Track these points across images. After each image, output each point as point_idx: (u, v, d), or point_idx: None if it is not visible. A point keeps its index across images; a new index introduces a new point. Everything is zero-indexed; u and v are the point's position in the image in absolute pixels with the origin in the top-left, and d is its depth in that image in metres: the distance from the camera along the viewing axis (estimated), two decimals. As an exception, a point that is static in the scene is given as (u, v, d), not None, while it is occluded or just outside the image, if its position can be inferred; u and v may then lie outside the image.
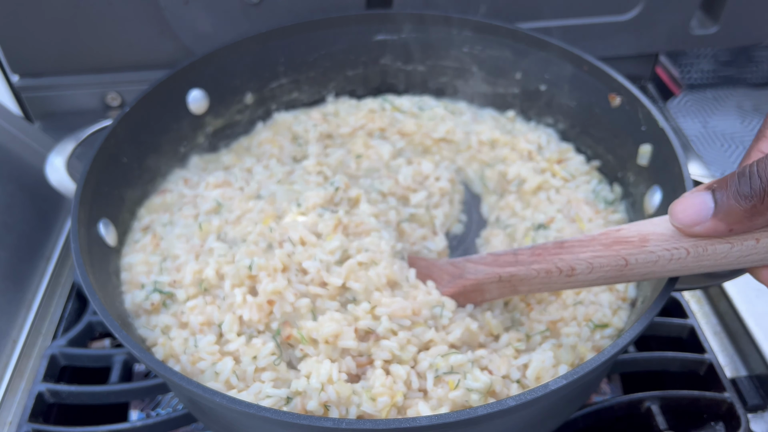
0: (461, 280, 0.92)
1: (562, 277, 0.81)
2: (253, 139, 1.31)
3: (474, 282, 0.91)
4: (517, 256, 0.86)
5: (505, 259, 0.88)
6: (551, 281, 0.83)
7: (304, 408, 0.80)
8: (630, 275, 0.76)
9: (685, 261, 0.71)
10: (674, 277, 0.78)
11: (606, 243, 0.77)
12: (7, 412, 1.04)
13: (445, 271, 0.97)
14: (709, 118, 1.59)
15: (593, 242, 0.79)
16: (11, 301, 1.15)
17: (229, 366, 0.85)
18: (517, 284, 0.86)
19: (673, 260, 0.72)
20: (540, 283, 0.84)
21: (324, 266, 0.94)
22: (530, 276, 0.84)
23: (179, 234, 1.06)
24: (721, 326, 1.15)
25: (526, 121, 1.33)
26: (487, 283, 0.89)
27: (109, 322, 0.80)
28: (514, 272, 0.85)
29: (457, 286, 0.93)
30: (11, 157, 1.26)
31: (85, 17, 1.36)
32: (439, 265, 0.99)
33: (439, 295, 0.94)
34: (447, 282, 0.95)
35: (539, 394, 0.69)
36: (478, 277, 0.90)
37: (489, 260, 0.90)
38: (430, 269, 0.99)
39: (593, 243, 0.79)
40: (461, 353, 0.86)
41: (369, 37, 1.33)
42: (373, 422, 0.68)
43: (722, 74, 1.67)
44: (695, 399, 0.98)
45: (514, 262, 0.86)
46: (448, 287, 0.94)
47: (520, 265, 0.85)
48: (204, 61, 1.21)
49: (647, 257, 0.73)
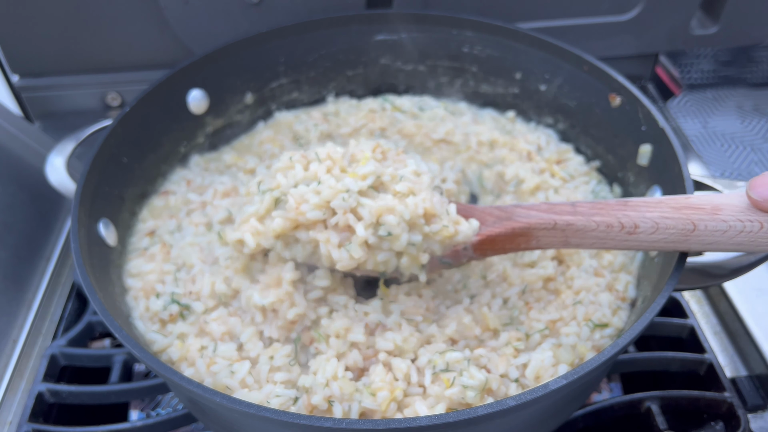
0: (510, 222, 0.89)
1: (622, 234, 0.81)
2: (254, 138, 1.31)
3: (525, 225, 0.88)
4: (576, 207, 0.85)
5: (562, 208, 0.86)
6: (608, 237, 0.82)
7: (310, 403, 0.81)
8: (693, 242, 0.76)
9: (756, 235, 0.72)
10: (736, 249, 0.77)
11: (675, 206, 0.78)
12: (7, 412, 1.04)
13: (488, 213, 0.93)
14: (709, 118, 1.59)
15: (661, 204, 0.79)
16: (11, 300, 1.15)
17: (246, 367, 0.86)
18: (571, 235, 0.85)
19: (744, 232, 0.73)
20: (595, 238, 0.83)
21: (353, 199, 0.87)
22: (588, 228, 0.82)
23: (191, 242, 1.06)
24: (721, 326, 1.15)
25: (526, 121, 1.33)
26: (540, 228, 0.87)
27: (109, 321, 0.80)
28: (572, 221, 0.84)
29: (504, 227, 0.89)
30: (11, 157, 1.26)
31: (85, 17, 1.36)
32: (480, 208, 0.95)
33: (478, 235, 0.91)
34: (492, 223, 0.91)
35: (539, 394, 0.69)
36: (531, 221, 0.87)
37: (544, 207, 0.88)
38: (470, 211, 0.95)
39: (661, 205, 0.79)
40: (458, 351, 0.87)
41: (369, 37, 1.33)
42: (373, 422, 0.68)
43: (722, 74, 1.68)
44: (695, 399, 0.98)
45: (573, 212, 0.85)
46: (494, 227, 0.91)
47: (580, 215, 0.84)
48: (204, 61, 1.22)
49: (718, 225, 0.74)
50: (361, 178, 0.89)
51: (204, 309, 0.96)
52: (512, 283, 0.99)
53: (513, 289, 0.98)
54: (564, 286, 0.99)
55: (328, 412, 0.81)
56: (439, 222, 0.88)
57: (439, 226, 0.88)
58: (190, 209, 1.13)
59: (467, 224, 0.90)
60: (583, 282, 0.99)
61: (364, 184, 0.88)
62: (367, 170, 0.90)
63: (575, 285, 0.99)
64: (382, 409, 0.80)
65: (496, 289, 0.99)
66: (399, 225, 0.85)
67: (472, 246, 0.92)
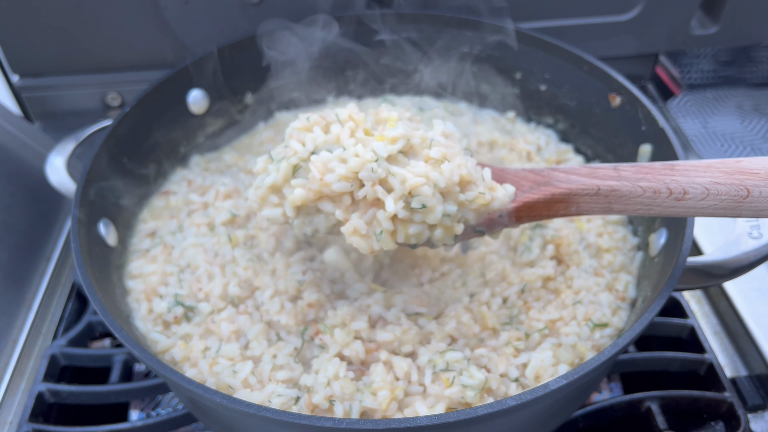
0: (549, 188, 0.85)
1: (669, 200, 0.77)
2: (255, 138, 1.31)
3: (566, 191, 0.83)
4: (620, 172, 0.81)
5: (605, 173, 0.82)
6: (654, 203, 0.78)
7: (311, 402, 0.81)
8: (745, 208, 0.73)
9: None
10: None
11: (727, 171, 0.74)
12: (8, 412, 1.04)
13: (523, 178, 0.89)
14: (709, 118, 1.59)
15: (710, 168, 0.75)
16: (11, 301, 1.15)
17: (248, 367, 0.86)
18: (615, 201, 0.81)
19: None
20: (640, 204, 0.79)
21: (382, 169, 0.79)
22: (634, 194, 0.78)
23: (194, 243, 1.05)
24: (721, 326, 1.15)
25: (526, 121, 1.33)
26: (581, 194, 0.83)
27: (109, 321, 0.80)
28: (616, 187, 0.80)
29: (543, 193, 0.85)
30: (11, 157, 1.26)
31: (85, 17, 1.36)
32: (513, 171, 0.90)
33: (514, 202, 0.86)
34: (529, 188, 0.87)
35: (539, 393, 0.69)
36: (572, 186, 0.83)
37: (584, 172, 0.84)
38: (504, 175, 0.90)
39: (710, 169, 0.75)
40: (458, 350, 0.87)
41: (369, 37, 1.33)
42: (373, 422, 0.68)
43: (722, 74, 1.67)
44: (695, 399, 0.98)
45: (617, 177, 0.81)
46: (531, 193, 0.86)
47: (624, 180, 0.79)
48: (204, 61, 1.22)
49: None
50: (390, 142, 0.80)
51: (211, 310, 0.96)
52: (511, 282, 0.99)
53: (512, 288, 0.98)
54: (564, 286, 0.99)
55: (329, 411, 0.82)
56: (475, 189, 0.82)
57: (474, 193, 0.81)
58: (191, 210, 1.13)
59: (503, 190, 0.85)
60: (583, 282, 0.99)
61: (393, 148, 0.79)
62: (396, 133, 0.81)
63: (575, 285, 0.99)
64: (383, 408, 0.80)
65: (496, 288, 0.99)
66: (434, 195, 0.78)
67: (508, 213, 0.86)
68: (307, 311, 0.94)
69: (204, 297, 0.98)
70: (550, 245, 1.03)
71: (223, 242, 1.04)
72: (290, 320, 0.92)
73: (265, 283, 0.97)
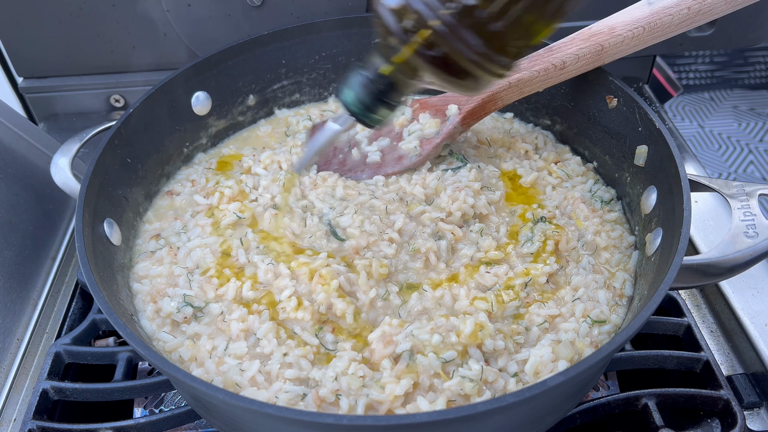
0: (478, 96, 1.14)
1: (556, 72, 1.09)
2: (253, 132, 1.35)
3: (489, 93, 1.13)
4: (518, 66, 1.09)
5: None
6: (549, 78, 1.09)
7: (318, 395, 0.83)
8: (605, 57, 1.06)
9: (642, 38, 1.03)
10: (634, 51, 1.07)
11: (584, 38, 1.06)
12: (12, 410, 1.05)
13: (460, 96, 1.17)
14: (705, 119, 1.60)
15: (574, 40, 1.07)
16: (16, 299, 1.16)
17: (255, 365, 0.87)
18: (523, 86, 1.10)
19: (635, 37, 1.03)
20: (540, 81, 1.10)
21: None
22: (533, 77, 1.09)
23: (201, 244, 1.05)
24: (717, 324, 1.16)
25: (524, 122, 1.34)
26: (500, 91, 1.12)
27: (113, 319, 0.81)
28: (520, 76, 1.09)
29: (476, 101, 1.15)
30: (16, 157, 1.27)
31: (89, 20, 1.38)
32: (451, 94, 1.18)
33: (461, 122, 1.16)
34: (466, 101, 1.16)
35: (537, 390, 0.70)
36: (492, 89, 1.11)
37: None
38: (446, 99, 1.19)
39: (574, 41, 1.07)
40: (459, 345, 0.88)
41: (369, 39, 1.34)
42: (373, 418, 0.69)
43: (718, 76, 1.68)
44: (692, 396, 0.99)
45: (516, 70, 1.09)
46: (468, 104, 1.16)
47: (524, 70, 1.09)
48: (206, 63, 1.23)
49: (616, 40, 1.04)
50: None
51: (221, 311, 0.96)
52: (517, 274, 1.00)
53: (517, 281, 0.99)
54: (563, 281, 1.01)
55: (335, 404, 0.83)
56: None
57: None
58: (196, 210, 1.14)
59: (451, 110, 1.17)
60: (582, 279, 1.00)
61: None
62: None
63: (573, 282, 1.00)
64: (390, 400, 0.81)
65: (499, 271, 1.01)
66: None
67: (459, 122, 1.16)
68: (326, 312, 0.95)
69: (216, 298, 0.98)
70: (549, 242, 1.04)
71: (236, 245, 1.05)
72: (306, 315, 0.93)
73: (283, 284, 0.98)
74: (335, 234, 1.05)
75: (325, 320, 0.95)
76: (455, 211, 1.07)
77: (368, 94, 0.83)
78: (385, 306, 0.97)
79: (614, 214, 1.12)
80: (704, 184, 1.00)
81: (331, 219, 1.07)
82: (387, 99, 0.83)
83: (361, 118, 0.86)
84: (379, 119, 0.86)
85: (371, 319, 0.95)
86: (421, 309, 0.96)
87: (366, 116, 0.85)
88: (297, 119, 1.33)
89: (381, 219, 1.06)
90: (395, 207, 1.09)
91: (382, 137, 1.22)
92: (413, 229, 1.05)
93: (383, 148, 1.20)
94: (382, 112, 0.85)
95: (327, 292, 0.94)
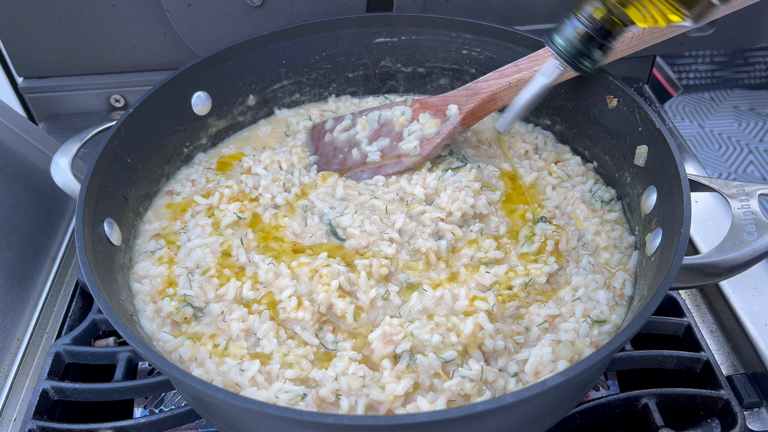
0: (479, 96, 1.15)
1: None
2: (252, 132, 1.34)
3: (491, 94, 1.15)
4: (518, 66, 1.13)
5: (510, 71, 1.14)
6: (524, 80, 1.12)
7: (318, 395, 0.83)
8: None
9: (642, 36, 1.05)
10: None
11: None
12: (12, 410, 1.05)
13: (460, 96, 1.18)
14: (705, 119, 1.60)
15: None
16: (16, 299, 1.16)
17: (256, 365, 0.87)
18: (521, 86, 1.10)
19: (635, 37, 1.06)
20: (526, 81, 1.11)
21: None
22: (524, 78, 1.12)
23: (201, 244, 1.06)
24: (718, 324, 1.16)
25: (525, 122, 1.34)
26: (500, 92, 1.14)
27: (113, 318, 0.81)
28: (521, 77, 1.12)
29: (477, 101, 1.16)
30: (17, 157, 1.27)
31: (89, 20, 1.38)
32: (451, 95, 1.20)
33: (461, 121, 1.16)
34: (466, 101, 1.17)
35: (537, 390, 0.70)
36: (493, 89, 1.14)
37: (496, 75, 1.15)
38: (445, 99, 1.20)
39: None
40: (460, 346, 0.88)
41: (369, 39, 1.34)
42: (373, 418, 0.69)
43: (719, 76, 1.68)
44: (692, 396, 0.99)
45: (518, 70, 1.13)
46: (469, 104, 1.16)
47: (525, 70, 1.12)
48: (206, 63, 1.23)
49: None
50: None
51: (221, 311, 0.96)
52: (517, 273, 1.00)
53: (517, 280, 0.99)
54: (563, 282, 1.01)
55: (335, 404, 0.83)
56: None
57: None
58: (196, 210, 1.14)
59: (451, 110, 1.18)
60: (581, 279, 1.00)
61: None
62: None
63: (573, 282, 1.00)
64: (390, 400, 0.81)
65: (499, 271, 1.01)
66: None
67: (459, 123, 1.17)
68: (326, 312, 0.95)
69: (216, 299, 0.98)
70: (549, 241, 1.04)
71: (236, 245, 1.05)
72: (307, 315, 0.93)
73: (283, 284, 0.98)
74: (335, 234, 1.06)
75: (326, 320, 0.95)
76: (455, 211, 1.07)
77: (582, 39, 0.84)
78: (385, 306, 0.97)
79: (614, 214, 1.12)
80: (704, 184, 1.00)
81: (331, 219, 1.08)
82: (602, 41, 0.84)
83: (576, 63, 0.88)
84: (592, 64, 0.87)
85: (371, 319, 0.96)
86: (422, 309, 0.96)
87: (579, 62, 0.87)
88: (297, 119, 1.33)
89: (381, 219, 1.06)
90: (395, 207, 1.09)
91: (382, 137, 1.22)
92: (413, 229, 1.06)
93: (383, 148, 1.20)
94: (596, 54, 0.86)
95: (327, 292, 0.94)
